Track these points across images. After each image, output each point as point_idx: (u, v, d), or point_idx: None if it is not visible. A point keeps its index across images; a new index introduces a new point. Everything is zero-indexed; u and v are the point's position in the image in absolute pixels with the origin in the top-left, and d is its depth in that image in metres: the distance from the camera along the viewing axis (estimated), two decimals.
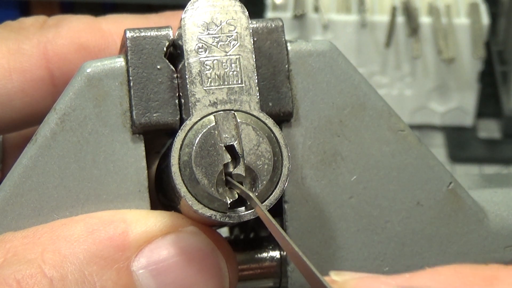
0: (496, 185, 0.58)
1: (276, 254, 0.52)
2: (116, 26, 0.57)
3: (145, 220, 0.47)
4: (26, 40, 0.56)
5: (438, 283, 0.39)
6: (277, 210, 0.50)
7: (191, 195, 0.45)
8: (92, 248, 0.46)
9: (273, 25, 0.49)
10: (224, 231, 0.61)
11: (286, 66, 0.49)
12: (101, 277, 0.45)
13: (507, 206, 0.54)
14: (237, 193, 0.45)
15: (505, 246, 0.53)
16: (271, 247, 0.52)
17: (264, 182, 0.45)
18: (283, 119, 0.49)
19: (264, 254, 0.52)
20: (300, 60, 0.50)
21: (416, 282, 0.39)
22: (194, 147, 0.45)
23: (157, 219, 0.47)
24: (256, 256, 0.52)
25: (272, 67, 0.49)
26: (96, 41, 0.57)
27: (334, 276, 0.42)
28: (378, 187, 0.51)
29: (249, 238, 0.59)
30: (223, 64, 0.46)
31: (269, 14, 1.49)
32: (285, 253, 0.51)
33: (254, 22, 0.49)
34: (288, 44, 0.50)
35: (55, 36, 0.56)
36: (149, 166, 0.49)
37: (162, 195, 0.52)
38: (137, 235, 0.46)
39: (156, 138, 0.53)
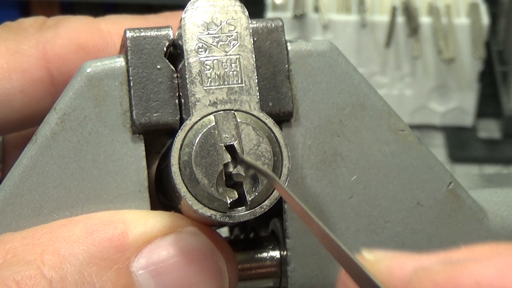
0: (496, 185, 0.58)
1: (276, 254, 0.52)
2: (115, 26, 0.57)
3: (145, 221, 0.47)
4: (25, 40, 0.56)
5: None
6: (277, 210, 0.50)
7: (191, 195, 0.45)
8: (91, 249, 0.46)
9: (273, 25, 0.49)
10: (224, 231, 0.61)
11: (286, 66, 0.49)
12: (100, 278, 0.45)
13: (507, 206, 0.54)
14: (237, 192, 0.45)
15: None
16: (271, 247, 0.52)
17: (264, 182, 0.45)
18: (283, 119, 0.49)
19: (264, 254, 0.52)
20: (300, 60, 0.50)
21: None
22: (194, 147, 0.45)
23: (156, 220, 0.47)
24: (256, 256, 0.52)
25: (272, 67, 0.49)
26: (95, 42, 0.57)
27: (366, 255, 0.41)
28: (378, 187, 0.51)
29: (249, 238, 0.59)
30: (223, 64, 0.46)
31: (269, 14, 1.49)
32: (284, 253, 0.51)
33: (254, 22, 0.49)
34: (288, 44, 0.50)
35: (54, 37, 0.56)
36: (149, 166, 0.49)
37: (162, 195, 0.52)
38: (137, 235, 0.46)
39: (156, 138, 0.53)
